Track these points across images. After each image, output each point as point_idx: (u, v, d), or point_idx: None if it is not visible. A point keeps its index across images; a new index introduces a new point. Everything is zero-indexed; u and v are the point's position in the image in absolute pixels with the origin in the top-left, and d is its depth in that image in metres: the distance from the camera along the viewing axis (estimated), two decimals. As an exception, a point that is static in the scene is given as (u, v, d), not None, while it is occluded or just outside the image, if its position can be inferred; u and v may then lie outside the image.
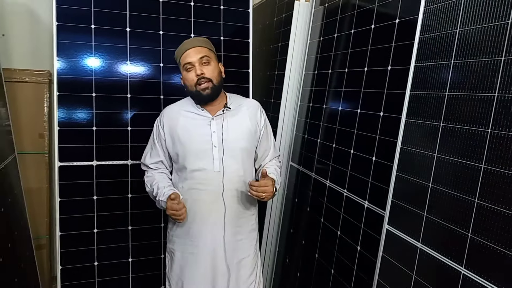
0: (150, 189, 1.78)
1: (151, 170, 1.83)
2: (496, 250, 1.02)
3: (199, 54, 1.66)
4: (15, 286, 1.95)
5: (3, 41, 2.67)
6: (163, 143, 1.78)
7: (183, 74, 1.71)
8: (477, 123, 1.10)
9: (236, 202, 1.72)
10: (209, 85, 1.65)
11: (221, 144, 1.68)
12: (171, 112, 1.79)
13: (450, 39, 1.22)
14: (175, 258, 1.78)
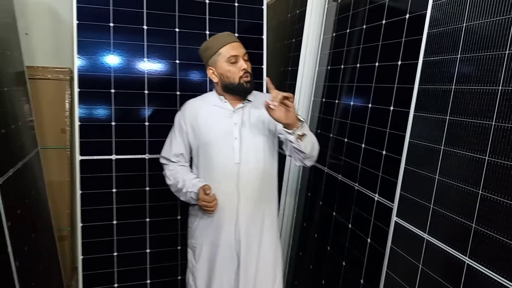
0: (173, 182, 1.80)
1: (172, 164, 1.86)
2: (499, 240, 1.04)
3: (243, 49, 1.72)
4: (39, 274, 2.05)
5: (26, 39, 2.76)
6: (184, 136, 1.81)
7: (223, 66, 1.69)
8: (481, 116, 1.12)
9: (256, 194, 1.73)
10: (251, 79, 1.71)
11: (242, 136, 1.71)
12: (193, 105, 1.83)
13: (457, 33, 1.24)
14: (198, 252, 1.80)
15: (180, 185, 1.76)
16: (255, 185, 1.73)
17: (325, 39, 2.37)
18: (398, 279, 1.44)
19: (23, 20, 2.69)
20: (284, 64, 2.79)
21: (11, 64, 2.15)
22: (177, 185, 1.78)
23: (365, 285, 1.70)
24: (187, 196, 1.75)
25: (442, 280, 1.23)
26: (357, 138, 1.86)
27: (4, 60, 2.00)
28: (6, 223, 1.59)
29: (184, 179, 1.77)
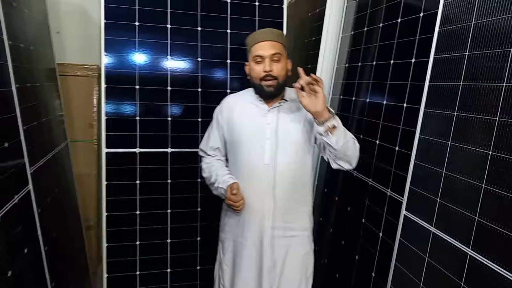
0: (208, 175, 1.82)
1: (209, 157, 1.88)
2: (500, 232, 1.07)
3: (272, 49, 1.63)
4: (66, 259, 2.17)
5: (58, 38, 2.89)
6: (220, 130, 1.82)
7: (251, 64, 1.69)
8: (486, 112, 1.15)
9: (286, 196, 1.68)
10: (273, 83, 1.64)
11: (274, 136, 1.66)
12: (230, 101, 1.83)
13: (466, 31, 1.27)
14: (226, 246, 1.82)
15: (213, 179, 1.77)
16: (284, 188, 1.68)
17: (344, 37, 2.41)
18: (406, 271, 1.47)
19: (55, 19, 2.82)
20: (304, 62, 2.83)
21: (43, 61, 2.27)
22: (210, 178, 1.79)
23: (376, 278, 1.73)
24: (218, 191, 1.75)
25: (446, 271, 1.26)
26: (372, 134, 1.89)
27: (37, 57, 2.12)
28: (37, 209, 1.70)
29: (217, 174, 1.76)
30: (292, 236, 1.72)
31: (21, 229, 1.48)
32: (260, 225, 1.69)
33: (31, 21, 2.09)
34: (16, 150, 1.55)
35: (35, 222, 1.65)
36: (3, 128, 1.45)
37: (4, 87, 1.53)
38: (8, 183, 1.42)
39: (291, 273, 1.74)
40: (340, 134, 1.51)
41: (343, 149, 1.53)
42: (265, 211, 1.69)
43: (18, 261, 1.42)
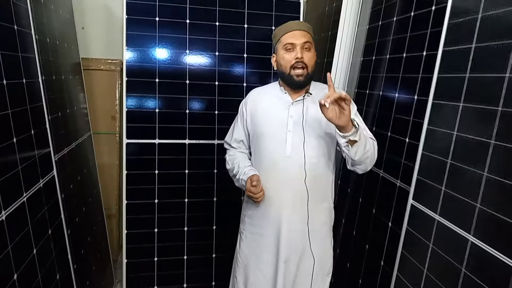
0: (231, 167, 1.83)
1: (232, 149, 1.90)
2: (500, 219, 1.10)
3: (304, 38, 1.64)
4: (88, 244, 2.27)
5: (82, 33, 3.01)
6: (244, 123, 1.83)
7: (280, 53, 1.68)
8: (489, 102, 1.17)
9: (306, 189, 1.66)
10: (304, 72, 1.63)
11: (297, 129, 1.66)
12: (255, 93, 1.85)
13: (472, 24, 1.29)
14: (244, 238, 1.84)
15: (235, 171, 1.78)
16: (308, 180, 1.65)
17: (360, 31, 2.43)
18: (412, 258, 1.50)
19: (80, 16, 2.94)
20: (321, 56, 2.86)
21: (68, 55, 2.38)
22: (233, 170, 1.81)
23: (384, 266, 1.76)
24: (240, 183, 1.77)
25: (449, 257, 1.29)
26: (384, 126, 1.92)
27: (62, 51, 2.23)
28: (60, 194, 1.80)
29: (239, 165, 1.78)
30: (310, 230, 1.70)
31: (45, 211, 1.58)
32: (278, 218, 1.69)
33: (57, 17, 2.19)
34: (42, 137, 1.65)
35: (59, 205, 1.75)
36: (31, 116, 1.54)
37: (32, 78, 1.62)
38: (34, 168, 1.52)
39: (308, 268, 1.73)
40: (361, 147, 1.50)
41: (361, 160, 1.55)
42: (284, 204, 1.68)
43: (42, 240, 1.52)
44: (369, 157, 1.58)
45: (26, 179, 1.43)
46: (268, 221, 1.73)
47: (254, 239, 1.79)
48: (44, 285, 1.48)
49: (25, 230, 1.38)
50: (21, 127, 1.44)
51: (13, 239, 1.28)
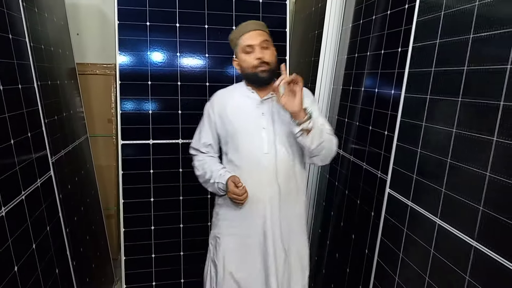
0: (201, 172, 1.82)
1: (201, 154, 1.88)
2: (461, 201, 1.18)
3: (260, 37, 1.68)
4: (87, 242, 2.36)
5: (78, 39, 3.11)
6: (213, 125, 1.82)
7: (240, 56, 1.72)
8: (452, 94, 1.26)
9: (286, 185, 1.72)
10: (267, 68, 1.67)
11: (270, 126, 1.71)
12: (221, 95, 1.86)
13: (437, 21, 1.37)
14: (221, 242, 1.80)
15: (208, 175, 1.77)
16: (284, 176, 1.71)
17: (344, 30, 2.51)
18: (390, 244, 1.59)
19: (75, 22, 3.04)
20: (309, 55, 2.95)
21: (63, 61, 2.47)
22: (205, 175, 1.80)
23: (368, 254, 1.85)
24: (215, 187, 1.75)
25: (420, 240, 1.38)
26: (366, 121, 2.01)
27: (57, 57, 2.32)
28: (58, 194, 1.89)
29: (212, 169, 1.77)
30: (292, 223, 1.76)
31: (43, 208, 1.67)
32: (263, 215, 1.71)
33: (52, 25, 2.28)
34: (38, 140, 1.73)
35: (57, 204, 1.84)
36: (27, 120, 1.63)
37: (28, 83, 1.71)
38: (31, 168, 1.61)
39: (295, 263, 1.79)
40: (316, 136, 1.56)
41: (317, 149, 1.61)
42: (267, 201, 1.70)
43: (41, 236, 1.61)
44: (325, 147, 1.63)
45: (24, 179, 1.51)
46: (252, 220, 1.72)
47: (235, 241, 1.77)
48: (43, 278, 1.57)
49: (24, 226, 1.46)
50: (18, 130, 1.52)
51: (13, 234, 1.36)
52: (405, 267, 1.48)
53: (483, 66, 1.13)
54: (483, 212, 1.11)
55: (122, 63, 2.44)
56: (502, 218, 1.04)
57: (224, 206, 1.82)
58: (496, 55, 1.09)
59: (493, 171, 1.08)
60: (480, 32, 1.16)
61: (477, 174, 1.13)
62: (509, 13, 1.07)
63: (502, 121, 1.05)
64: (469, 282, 1.14)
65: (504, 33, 1.07)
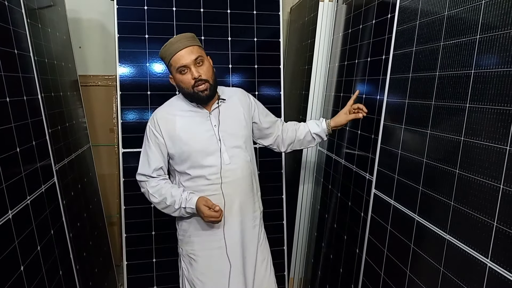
0: (160, 199, 1.72)
1: (153, 179, 1.76)
2: (438, 198, 1.26)
3: (192, 55, 1.61)
4: (90, 248, 2.45)
5: (80, 52, 3.22)
6: (162, 148, 1.73)
7: (176, 76, 1.67)
8: (426, 98, 1.35)
9: (249, 189, 1.78)
10: (207, 86, 1.63)
11: (224, 136, 1.71)
12: (165, 114, 1.75)
13: (413, 30, 1.47)
14: (197, 259, 1.78)
15: (169, 201, 1.69)
16: (248, 182, 1.77)
17: (335, 38, 2.61)
18: (376, 242, 1.67)
19: (77, 36, 3.15)
20: (303, 63, 3.05)
21: (66, 73, 2.58)
22: (165, 201, 1.71)
23: (359, 254, 1.92)
24: (182, 212, 1.70)
25: (401, 236, 1.46)
26: (355, 126, 2.09)
27: (60, 70, 2.43)
28: (61, 200, 1.98)
29: (172, 194, 1.69)
30: (256, 225, 1.84)
31: (48, 213, 1.76)
32: (235, 223, 1.73)
33: (55, 39, 2.39)
34: (42, 148, 1.83)
35: (60, 209, 1.93)
36: (32, 129, 1.73)
37: (32, 95, 1.81)
38: (36, 175, 1.71)
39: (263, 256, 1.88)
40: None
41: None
42: (236, 208, 1.73)
43: (45, 239, 1.70)
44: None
45: (29, 185, 1.61)
46: (228, 230, 1.73)
47: (210, 255, 1.76)
48: (48, 279, 1.66)
49: (29, 228, 1.56)
50: (23, 139, 1.62)
51: (20, 235, 1.46)
52: (389, 262, 1.56)
53: (452, 71, 1.22)
54: (454, 207, 1.19)
55: (122, 74, 2.55)
56: (470, 212, 1.12)
57: (193, 222, 1.77)
58: (462, 61, 1.18)
59: (462, 168, 1.16)
60: (449, 40, 1.25)
61: (449, 172, 1.22)
62: (473, 21, 1.16)
63: (468, 121, 1.14)
64: (443, 273, 1.22)
65: (468, 41, 1.16)
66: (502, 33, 1.04)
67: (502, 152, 1.01)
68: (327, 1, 2.71)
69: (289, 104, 3.18)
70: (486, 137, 1.07)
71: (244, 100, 1.86)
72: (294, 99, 3.17)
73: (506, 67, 1.02)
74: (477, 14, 1.14)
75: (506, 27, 1.03)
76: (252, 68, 2.73)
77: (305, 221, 2.86)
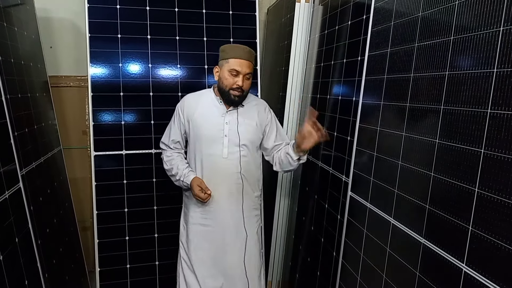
0: (169, 167, 2.10)
1: (170, 150, 2.14)
2: (412, 201, 1.24)
3: (248, 69, 1.92)
4: (60, 254, 2.36)
5: (51, 52, 3.12)
6: (181, 125, 2.08)
7: (224, 72, 1.93)
8: (401, 100, 1.33)
9: (241, 183, 2.02)
10: (240, 94, 1.93)
11: (232, 134, 1.97)
12: (192, 99, 2.08)
13: (388, 31, 1.45)
14: (189, 229, 2.10)
15: (174, 171, 2.06)
16: (239, 176, 2.01)
17: (312, 39, 2.59)
18: (352, 245, 1.64)
19: (48, 35, 3.05)
20: (280, 64, 3.02)
21: (35, 74, 2.49)
22: (171, 171, 2.08)
23: (336, 257, 1.90)
24: (180, 183, 2.07)
25: (377, 239, 1.44)
26: (331, 127, 2.07)
27: (28, 70, 2.34)
28: (28, 206, 1.90)
29: (178, 167, 2.06)
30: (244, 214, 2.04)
31: (12, 220, 1.68)
32: (221, 210, 2.02)
33: (22, 38, 2.30)
34: (6, 152, 1.75)
35: (26, 216, 1.85)
36: (-6, 133, 1.65)
37: (-5, 97, 1.73)
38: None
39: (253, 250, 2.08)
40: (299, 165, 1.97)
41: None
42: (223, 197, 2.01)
43: (9, 247, 1.62)
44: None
45: (-9, 191, 1.53)
46: (213, 214, 2.03)
47: (200, 230, 2.06)
48: (12, 290, 1.57)
49: (-9, 238, 1.47)
50: (-16, 143, 1.54)
51: (-22, 245, 1.38)
52: (365, 266, 1.53)
53: (426, 73, 1.21)
54: (430, 210, 1.17)
55: (93, 75, 2.47)
56: (446, 216, 1.10)
57: (190, 197, 2.08)
58: (437, 63, 1.16)
59: (436, 171, 1.14)
60: (423, 41, 1.23)
61: (424, 175, 1.20)
62: (446, 23, 1.14)
63: (443, 123, 1.12)
64: (419, 278, 1.20)
65: (442, 41, 1.15)
66: (476, 34, 1.02)
67: (476, 155, 0.99)
68: (303, 2, 2.69)
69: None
70: (460, 139, 1.05)
71: (262, 110, 2.10)
72: (272, 100, 3.14)
73: (479, 68, 1.00)
74: (451, 15, 1.12)
75: (479, 28, 1.01)
76: (228, 69, 2.68)
77: (282, 223, 2.83)
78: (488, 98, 0.96)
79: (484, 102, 0.97)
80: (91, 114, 2.47)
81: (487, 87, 0.97)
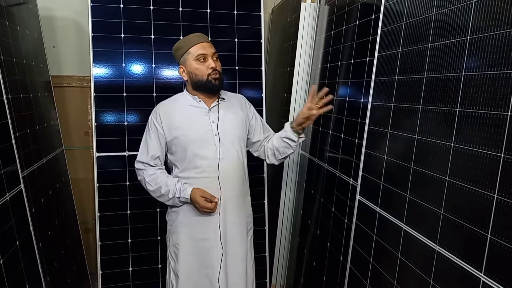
0: (155, 187, 1.84)
1: (150, 168, 1.88)
2: (426, 207, 1.20)
3: (212, 49, 1.80)
4: (62, 257, 2.33)
5: (54, 52, 3.08)
6: (161, 138, 1.84)
7: (192, 64, 1.78)
8: (413, 101, 1.29)
9: (240, 187, 1.87)
10: (219, 77, 1.79)
11: (221, 132, 1.81)
12: (167, 107, 1.87)
13: (399, 31, 1.41)
14: (181, 249, 1.86)
15: (164, 190, 1.81)
16: (238, 179, 1.85)
17: (317, 40, 2.55)
18: (360, 250, 1.60)
19: (51, 35, 3.02)
20: (285, 65, 2.98)
21: (38, 73, 2.46)
22: (160, 190, 1.83)
23: (344, 262, 1.86)
24: (174, 201, 1.82)
25: (388, 245, 1.40)
26: (338, 129, 2.03)
27: (31, 70, 2.31)
28: (30, 208, 1.86)
29: (167, 184, 1.81)
30: (243, 222, 1.91)
31: (12, 223, 1.64)
32: (218, 217, 1.81)
33: (24, 38, 2.27)
34: (7, 153, 1.71)
35: (28, 218, 1.81)
36: (-5, 133, 1.62)
37: (-4, 97, 1.69)
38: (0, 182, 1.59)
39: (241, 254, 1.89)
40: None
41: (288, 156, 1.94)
42: (226, 202, 1.82)
43: (9, 251, 1.58)
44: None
45: (-9, 193, 1.49)
46: (208, 224, 1.81)
47: (198, 246, 1.84)
48: (12, 294, 1.54)
49: (-9, 241, 1.44)
50: (-15, 143, 1.50)
51: (-22, 249, 1.34)
52: (375, 273, 1.49)
53: (441, 74, 1.17)
54: (444, 216, 1.13)
55: (97, 75, 2.44)
56: (461, 222, 1.06)
57: (181, 212, 1.86)
58: (452, 63, 1.12)
59: (451, 175, 1.10)
60: (437, 41, 1.19)
61: (438, 179, 1.16)
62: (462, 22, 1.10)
63: (459, 127, 1.08)
64: (433, 286, 1.16)
65: (457, 42, 1.11)
66: (492, 34, 0.99)
67: (495, 160, 0.95)
68: (309, 2, 2.65)
69: (271, 106, 3.10)
70: (478, 143, 1.01)
71: (243, 104, 1.97)
72: (276, 101, 3.10)
73: (498, 69, 0.96)
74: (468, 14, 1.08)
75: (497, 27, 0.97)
76: (233, 70, 2.65)
77: (287, 227, 2.79)
78: (508, 100, 0.92)
79: (504, 105, 0.93)
80: (94, 114, 2.44)
81: (507, 88, 0.93)
